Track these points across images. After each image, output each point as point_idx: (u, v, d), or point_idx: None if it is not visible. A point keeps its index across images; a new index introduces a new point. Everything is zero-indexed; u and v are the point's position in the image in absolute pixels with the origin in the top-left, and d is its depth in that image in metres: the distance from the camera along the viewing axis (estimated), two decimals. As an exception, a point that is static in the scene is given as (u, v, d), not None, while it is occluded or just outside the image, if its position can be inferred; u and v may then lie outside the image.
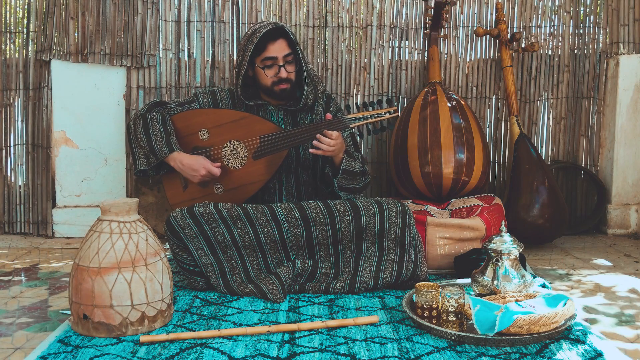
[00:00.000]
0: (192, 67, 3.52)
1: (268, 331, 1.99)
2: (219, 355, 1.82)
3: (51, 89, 3.47)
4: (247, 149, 2.62)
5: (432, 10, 3.46)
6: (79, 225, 3.51)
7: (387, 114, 2.62)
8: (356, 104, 3.42)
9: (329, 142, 2.51)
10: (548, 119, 3.69)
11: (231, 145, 2.63)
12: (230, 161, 2.63)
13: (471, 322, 1.95)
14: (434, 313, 2.05)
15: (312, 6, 3.54)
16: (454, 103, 3.24)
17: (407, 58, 3.62)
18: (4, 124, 3.53)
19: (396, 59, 3.62)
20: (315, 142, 2.52)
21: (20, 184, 3.56)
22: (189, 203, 2.64)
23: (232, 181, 2.64)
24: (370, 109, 2.64)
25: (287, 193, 2.77)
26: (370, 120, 2.61)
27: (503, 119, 3.67)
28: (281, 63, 2.64)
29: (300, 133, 2.58)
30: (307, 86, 2.72)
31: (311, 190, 2.80)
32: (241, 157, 2.62)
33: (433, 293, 2.05)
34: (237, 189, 2.64)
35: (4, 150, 3.54)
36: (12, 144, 3.54)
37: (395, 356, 1.81)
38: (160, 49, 3.50)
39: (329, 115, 2.57)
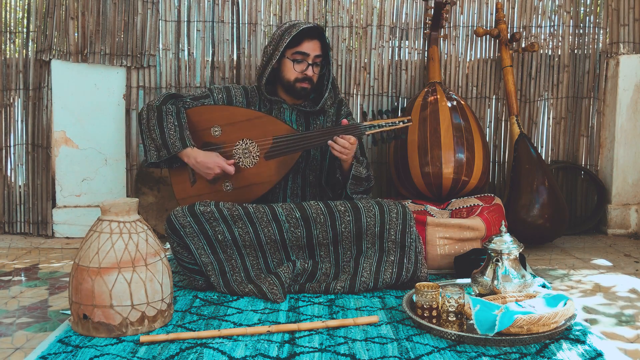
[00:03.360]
0: (192, 67, 3.52)
1: (268, 331, 1.99)
2: (219, 355, 1.82)
3: (51, 89, 3.47)
4: (260, 148, 2.62)
5: (432, 10, 3.46)
6: (79, 225, 3.51)
7: (401, 123, 2.61)
8: (372, 111, 3.43)
9: (344, 144, 2.51)
10: (548, 119, 3.69)
11: (243, 144, 2.63)
12: (241, 159, 2.63)
13: (471, 322, 1.95)
14: (434, 313, 2.05)
15: (312, 6, 3.54)
16: (454, 103, 3.25)
17: (407, 58, 3.62)
18: (4, 124, 3.53)
19: (396, 59, 3.62)
20: (331, 143, 2.52)
21: (20, 184, 3.56)
22: (196, 199, 2.63)
23: (242, 180, 2.64)
24: (385, 117, 2.64)
25: (292, 194, 2.77)
26: (385, 129, 2.60)
27: (503, 119, 3.67)
28: (310, 62, 2.66)
29: (314, 137, 2.58)
30: (328, 92, 2.76)
31: (316, 191, 2.80)
32: (253, 156, 2.62)
33: (433, 293, 2.05)
34: (246, 187, 2.64)
35: (4, 150, 3.54)
36: (12, 144, 3.54)
37: (395, 356, 1.81)
38: (160, 49, 3.50)
39: (345, 121, 2.58)
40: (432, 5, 3.46)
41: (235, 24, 3.54)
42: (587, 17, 3.64)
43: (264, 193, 2.63)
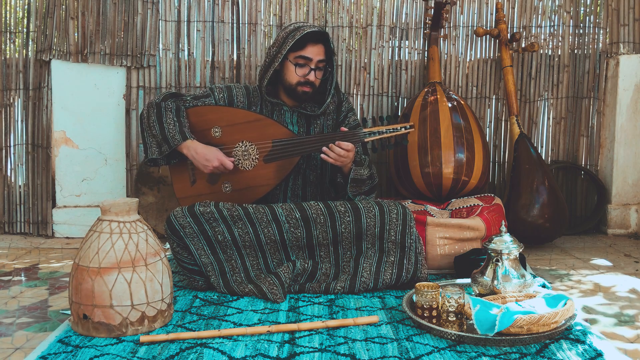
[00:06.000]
0: (192, 67, 3.52)
1: (268, 331, 1.99)
2: (219, 355, 1.82)
3: (51, 89, 3.47)
4: (259, 151, 2.61)
5: (432, 10, 3.46)
6: (79, 225, 3.51)
7: (403, 129, 2.60)
8: (372, 117, 3.41)
9: (339, 152, 2.50)
10: (548, 119, 3.69)
11: (243, 146, 2.62)
12: (240, 161, 2.62)
13: (471, 322, 1.95)
14: (434, 313, 2.05)
15: (312, 6, 3.54)
16: (454, 103, 3.24)
17: (407, 58, 3.62)
18: (4, 124, 3.53)
19: (396, 59, 3.62)
20: (325, 149, 2.52)
21: (20, 184, 3.56)
22: (196, 198, 2.63)
23: (241, 181, 2.63)
24: (386, 123, 2.62)
25: (292, 194, 2.76)
26: (385, 135, 2.58)
27: (503, 119, 3.67)
28: (313, 66, 2.64)
29: (313, 142, 2.57)
30: (331, 97, 2.73)
31: (316, 190, 2.80)
32: (252, 158, 2.61)
33: (433, 293, 2.05)
34: (245, 189, 2.63)
35: (4, 150, 3.54)
36: (12, 144, 3.54)
37: (395, 356, 1.81)
38: (160, 49, 3.50)
39: (343, 128, 2.57)
40: (432, 5, 3.46)
41: (235, 24, 3.54)
42: (587, 17, 3.64)
43: (263, 195, 2.63)
